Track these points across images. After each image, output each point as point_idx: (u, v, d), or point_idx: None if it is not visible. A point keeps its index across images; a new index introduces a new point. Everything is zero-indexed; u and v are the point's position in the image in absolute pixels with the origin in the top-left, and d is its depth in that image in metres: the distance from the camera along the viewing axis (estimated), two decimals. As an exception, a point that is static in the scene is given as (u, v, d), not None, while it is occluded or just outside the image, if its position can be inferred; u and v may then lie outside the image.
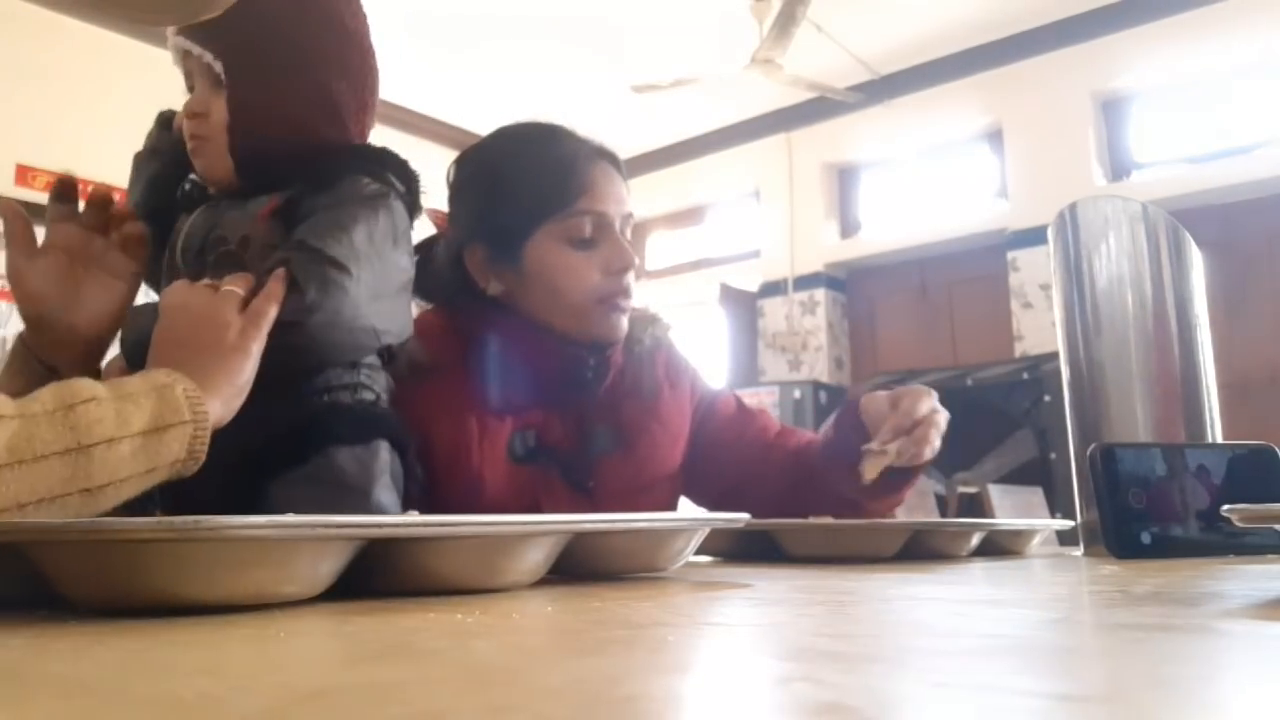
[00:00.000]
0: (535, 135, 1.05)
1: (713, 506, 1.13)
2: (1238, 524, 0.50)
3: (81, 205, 0.86)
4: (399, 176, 0.88)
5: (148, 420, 0.58)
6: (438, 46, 4.32)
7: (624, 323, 1.02)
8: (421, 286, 1.03)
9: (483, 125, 5.04)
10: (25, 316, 0.84)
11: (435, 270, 1.04)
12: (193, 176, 0.91)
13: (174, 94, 0.92)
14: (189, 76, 0.88)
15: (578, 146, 1.03)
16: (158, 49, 0.93)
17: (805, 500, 1.06)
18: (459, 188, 1.07)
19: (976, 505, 3.36)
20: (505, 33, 4.31)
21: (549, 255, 1.00)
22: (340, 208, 0.81)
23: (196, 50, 0.85)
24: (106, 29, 3.88)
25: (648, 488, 1.03)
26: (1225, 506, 0.51)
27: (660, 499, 1.05)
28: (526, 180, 1.01)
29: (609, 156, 1.04)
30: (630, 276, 1.01)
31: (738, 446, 1.12)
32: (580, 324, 1.00)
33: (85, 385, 0.57)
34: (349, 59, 0.89)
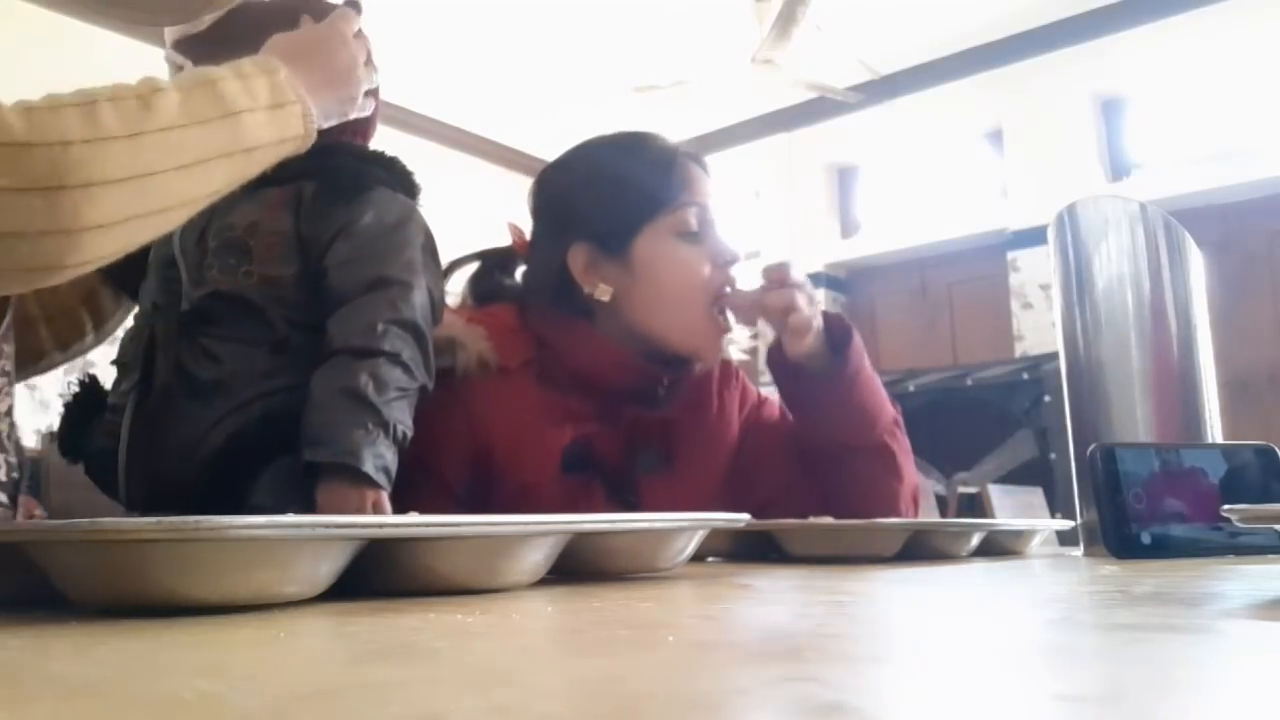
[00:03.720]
0: (632, 138, 1.06)
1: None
2: (1238, 524, 0.50)
3: None
4: (406, 189, 0.90)
5: (268, 97, 0.68)
6: (438, 46, 4.32)
7: (724, 346, 1.03)
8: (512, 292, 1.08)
9: (483, 125, 5.04)
10: None
11: (533, 275, 1.06)
12: None
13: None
14: None
15: (673, 146, 1.04)
16: (157, 49, 0.93)
17: (832, 494, 1.03)
18: (558, 193, 1.06)
19: (976, 505, 3.36)
20: (506, 32, 4.31)
21: (659, 249, 0.99)
22: (392, 253, 0.85)
23: (180, 60, 0.87)
24: (106, 29, 3.88)
25: (688, 507, 1.01)
26: (1225, 506, 0.51)
27: None
28: (633, 177, 1.01)
29: (699, 159, 1.05)
30: (735, 272, 1.01)
31: (776, 458, 1.09)
32: (685, 335, 1.00)
33: (211, 68, 0.67)
34: None
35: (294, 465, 0.77)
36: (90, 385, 0.90)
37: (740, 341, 1.11)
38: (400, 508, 0.83)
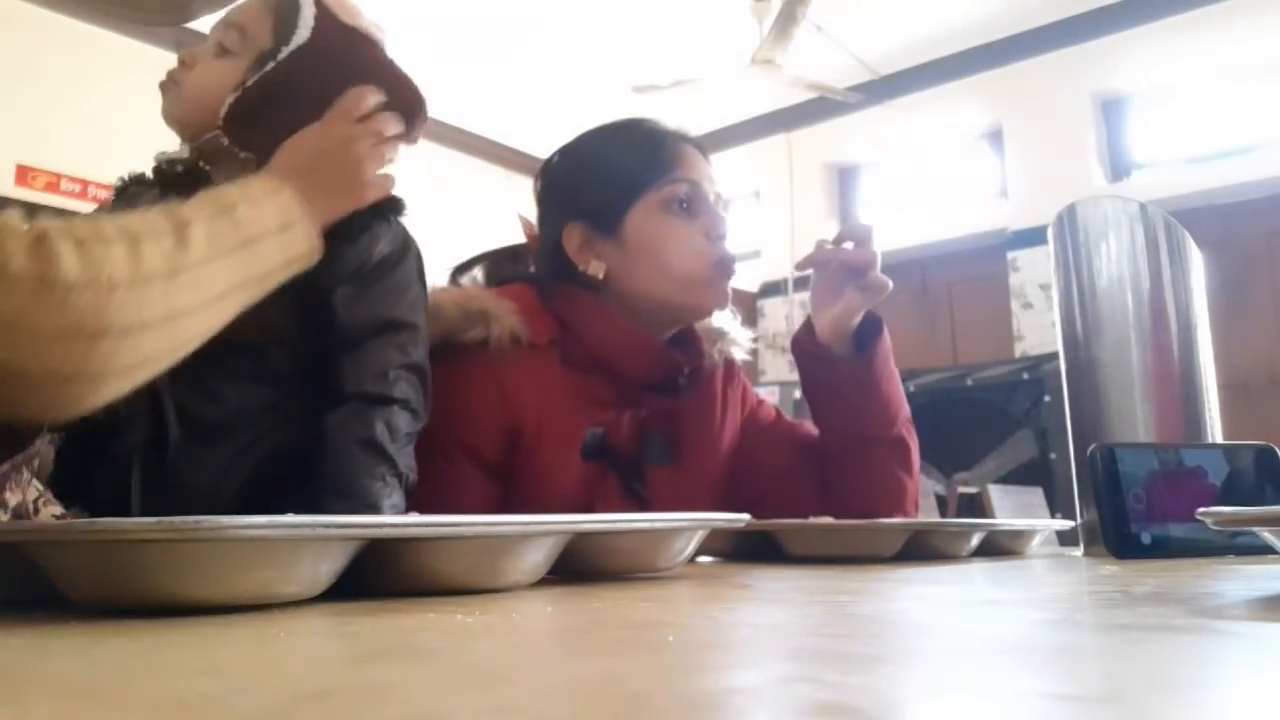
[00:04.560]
0: (627, 122, 1.09)
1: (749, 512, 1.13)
2: (1212, 527, 0.49)
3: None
4: (395, 209, 0.91)
5: (277, 219, 0.69)
6: (437, 46, 4.32)
7: (728, 295, 1.05)
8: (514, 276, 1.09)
9: (483, 125, 5.03)
10: None
11: (538, 260, 1.09)
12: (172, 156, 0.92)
13: (174, 94, 0.92)
14: (224, 33, 0.90)
15: (666, 128, 1.07)
16: (157, 49, 0.93)
17: (834, 488, 1.04)
18: (555, 178, 1.09)
19: (976, 505, 3.36)
20: (505, 32, 4.31)
21: (651, 223, 1.01)
22: (395, 296, 0.87)
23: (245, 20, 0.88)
24: (106, 29, 3.88)
25: (694, 500, 1.01)
26: (1200, 509, 0.50)
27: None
28: (624, 155, 1.04)
29: (695, 140, 1.07)
30: (728, 246, 1.03)
31: (772, 455, 1.11)
32: (689, 293, 1.01)
33: (226, 191, 0.68)
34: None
35: (304, 504, 0.78)
36: (79, 428, 0.88)
37: (742, 344, 1.13)
38: (434, 481, 0.86)
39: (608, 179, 1.03)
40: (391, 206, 0.90)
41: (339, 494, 0.77)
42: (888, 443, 1.04)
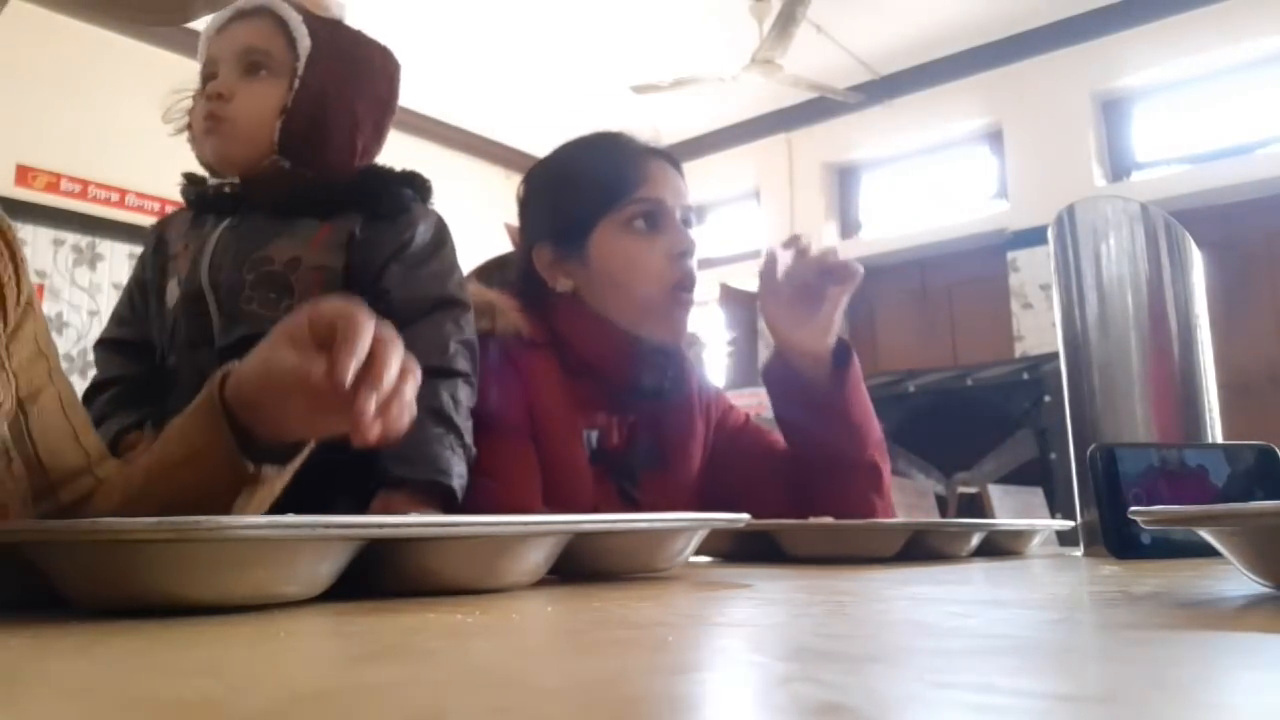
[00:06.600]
0: (595, 139, 1.10)
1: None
2: (1144, 526, 0.49)
3: None
4: (425, 196, 0.92)
5: None
6: (438, 46, 4.32)
7: (686, 324, 1.04)
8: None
9: (482, 125, 5.03)
10: None
11: (515, 272, 1.10)
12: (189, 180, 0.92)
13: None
14: (223, 61, 0.89)
15: (634, 144, 1.07)
16: (158, 49, 0.93)
17: (802, 496, 1.05)
18: (527, 196, 1.10)
19: (976, 505, 3.35)
20: (505, 32, 4.31)
21: (612, 244, 1.02)
22: (441, 311, 0.87)
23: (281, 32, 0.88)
24: (106, 29, 3.88)
25: (680, 503, 1.03)
26: (1132, 509, 0.50)
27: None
28: (587, 176, 1.05)
29: (665, 154, 1.08)
30: (692, 263, 1.03)
31: (742, 460, 1.12)
32: (645, 320, 1.02)
33: None
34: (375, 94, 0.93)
35: (362, 487, 0.79)
36: (125, 435, 0.88)
37: (717, 347, 1.15)
38: (487, 454, 0.87)
39: (573, 199, 1.05)
40: (424, 189, 0.92)
41: (407, 461, 0.78)
42: (861, 467, 1.05)
